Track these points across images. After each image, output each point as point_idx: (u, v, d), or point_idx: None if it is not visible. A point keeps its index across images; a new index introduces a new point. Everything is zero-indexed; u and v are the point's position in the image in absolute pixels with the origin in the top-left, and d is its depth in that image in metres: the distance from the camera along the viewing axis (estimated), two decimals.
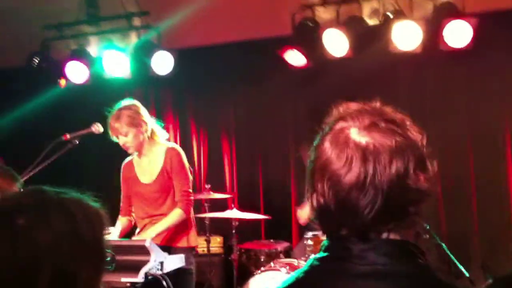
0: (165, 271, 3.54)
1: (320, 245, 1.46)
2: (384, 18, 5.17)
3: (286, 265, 4.53)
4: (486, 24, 4.88)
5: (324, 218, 1.28)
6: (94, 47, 6.09)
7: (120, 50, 5.73)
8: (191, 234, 4.11)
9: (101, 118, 4.19)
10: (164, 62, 5.65)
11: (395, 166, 1.20)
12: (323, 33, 5.23)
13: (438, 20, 4.99)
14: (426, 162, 1.26)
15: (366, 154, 1.20)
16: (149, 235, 3.75)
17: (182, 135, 6.53)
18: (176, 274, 3.68)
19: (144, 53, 5.69)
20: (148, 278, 3.45)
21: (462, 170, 5.52)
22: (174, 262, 3.72)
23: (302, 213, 4.92)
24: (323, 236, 1.30)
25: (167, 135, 4.27)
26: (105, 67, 5.79)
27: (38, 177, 3.64)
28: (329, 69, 5.62)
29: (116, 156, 4.33)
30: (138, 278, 3.41)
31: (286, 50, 5.44)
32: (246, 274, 4.83)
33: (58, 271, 1.22)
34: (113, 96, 5.91)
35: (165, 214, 3.99)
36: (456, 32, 4.90)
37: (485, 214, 5.42)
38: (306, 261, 2.73)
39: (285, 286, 1.31)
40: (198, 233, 5.64)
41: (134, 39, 5.84)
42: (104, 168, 5.63)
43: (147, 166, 4.10)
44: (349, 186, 1.20)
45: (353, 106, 1.30)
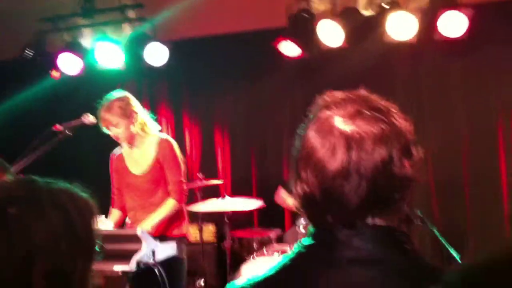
0: (157, 260, 3.55)
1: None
2: (379, 9, 5.16)
3: (279, 250, 4.55)
4: (482, 14, 4.87)
5: (309, 206, 1.28)
6: (88, 39, 6.08)
7: (114, 42, 5.72)
8: (183, 223, 4.11)
9: (94, 109, 4.18)
10: (158, 54, 5.65)
11: (379, 153, 1.19)
12: (319, 24, 5.21)
13: (433, 10, 4.97)
14: (412, 149, 1.25)
15: (350, 142, 1.20)
16: (145, 228, 3.74)
17: (175, 127, 6.52)
18: (167, 262, 3.69)
19: (138, 45, 5.68)
20: (140, 266, 3.46)
21: (456, 162, 5.52)
22: (166, 250, 3.73)
23: (283, 195, 4.93)
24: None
25: (159, 127, 4.26)
26: (98, 59, 5.77)
27: (30, 168, 3.62)
28: (324, 60, 5.61)
29: (108, 147, 4.31)
30: (130, 266, 3.41)
31: (281, 41, 5.43)
32: (239, 262, 4.85)
33: (53, 262, 1.21)
34: (106, 87, 5.88)
35: (156, 204, 3.99)
36: (451, 22, 4.89)
37: (478, 207, 5.43)
38: None
39: (272, 273, 1.31)
40: (191, 221, 5.65)
41: (128, 31, 5.82)
42: (96, 159, 5.62)
43: (139, 158, 4.09)
44: (333, 174, 1.20)
45: (338, 94, 1.29)
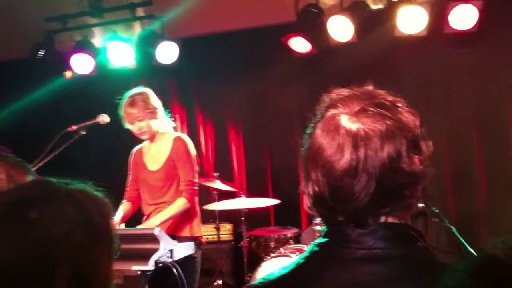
0: (174, 259, 3.57)
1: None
2: (388, 2, 5.13)
3: (296, 250, 4.55)
4: (492, 6, 4.83)
5: (320, 206, 1.29)
6: (98, 38, 6.10)
7: (124, 41, 5.73)
8: (194, 223, 4.12)
9: (106, 108, 4.21)
10: (168, 51, 5.65)
11: (387, 150, 1.20)
12: (327, 18, 5.20)
13: (443, 3, 4.95)
14: (420, 144, 1.25)
15: (356, 140, 1.20)
16: (153, 223, 3.78)
17: (188, 124, 6.53)
18: (184, 261, 3.71)
19: (148, 43, 5.69)
20: (158, 265, 3.48)
21: (469, 154, 5.49)
22: (183, 249, 3.76)
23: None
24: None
25: (174, 124, 4.30)
26: (109, 58, 5.79)
27: (43, 168, 3.66)
28: (333, 55, 5.59)
29: (120, 147, 4.34)
30: (148, 266, 3.44)
31: (291, 36, 5.42)
32: (256, 261, 4.86)
33: (76, 263, 1.21)
34: (118, 86, 5.92)
35: (168, 202, 4.02)
36: (461, 15, 4.87)
37: (493, 198, 5.40)
38: None
39: (285, 271, 1.33)
40: (208, 220, 5.69)
41: (138, 30, 5.84)
42: (108, 159, 5.66)
43: (155, 154, 4.14)
44: (341, 173, 1.21)
45: (343, 91, 1.30)
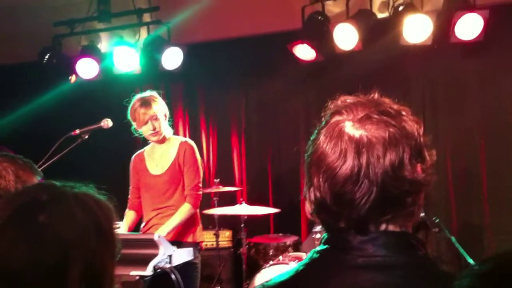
0: (173, 265, 3.57)
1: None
2: (394, 11, 5.14)
3: (295, 258, 4.54)
4: (497, 16, 4.83)
5: (321, 212, 1.29)
6: (104, 43, 6.14)
7: (130, 46, 5.76)
8: (198, 229, 4.12)
9: (111, 113, 4.23)
10: (174, 57, 5.67)
11: (389, 158, 1.20)
12: (333, 26, 5.21)
13: (448, 12, 4.95)
14: (423, 152, 1.25)
15: (359, 146, 1.21)
16: (161, 233, 3.76)
17: (191, 130, 6.54)
18: (183, 267, 3.71)
19: (154, 48, 5.71)
20: (157, 271, 3.48)
21: (473, 162, 5.48)
22: (183, 255, 3.75)
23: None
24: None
25: (172, 130, 4.30)
26: (115, 63, 5.82)
27: (44, 171, 3.67)
28: (339, 62, 5.59)
29: (123, 151, 4.34)
30: (147, 271, 3.44)
31: (296, 44, 5.43)
32: (255, 268, 4.85)
33: (87, 265, 1.21)
34: (123, 91, 5.96)
35: (172, 206, 4.02)
36: (467, 24, 4.86)
37: (496, 206, 5.38)
38: None
39: (285, 278, 1.32)
40: (207, 227, 5.69)
41: (144, 35, 5.87)
42: (112, 163, 5.66)
43: (159, 158, 4.14)
44: (343, 179, 1.21)
45: (348, 98, 1.30)
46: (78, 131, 4.00)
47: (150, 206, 4.11)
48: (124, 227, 4.01)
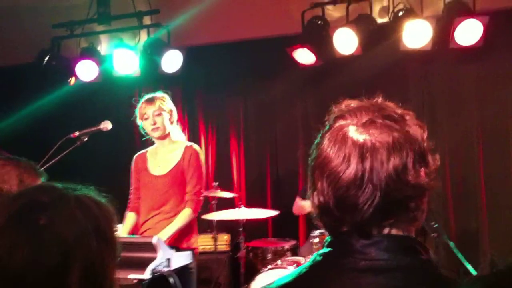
0: (172, 268, 3.55)
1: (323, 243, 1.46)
2: (394, 16, 5.16)
3: (293, 263, 4.52)
4: (497, 22, 4.85)
5: (325, 215, 1.29)
6: (104, 46, 6.14)
7: (130, 49, 5.76)
8: (194, 235, 4.09)
9: (110, 115, 4.23)
10: (173, 60, 5.67)
11: (393, 162, 1.20)
12: (333, 31, 5.22)
13: (448, 18, 4.96)
14: (427, 157, 1.26)
15: (363, 151, 1.21)
16: (161, 237, 3.74)
17: (191, 133, 6.54)
18: (181, 271, 3.69)
19: (153, 51, 5.71)
20: (155, 275, 3.47)
21: (471, 167, 5.49)
22: (181, 259, 3.74)
23: (305, 204, 4.97)
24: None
25: (185, 136, 4.30)
26: (115, 66, 5.81)
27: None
28: (339, 67, 5.61)
29: (122, 153, 4.34)
30: (145, 275, 3.42)
31: (296, 48, 5.43)
32: (253, 272, 4.83)
33: (88, 267, 1.22)
34: (122, 94, 5.99)
35: (169, 212, 3.98)
36: (466, 30, 4.87)
37: (494, 211, 5.39)
38: None
39: (288, 280, 1.33)
40: (205, 231, 5.68)
41: (144, 38, 5.87)
42: (113, 165, 5.66)
43: (163, 158, 4.12)
44: (347, 183, 1.21)
45: (352, 103, 1.30)
46: (77, 133, 3.99)
47: (148, 207, 4.07)
48: (124, 230, 3.98)
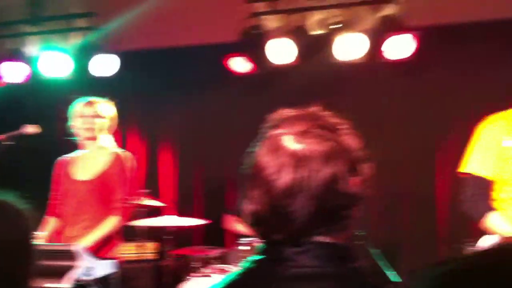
0: (94, 277, 3.44)
1: (254, 250, 1.47)
2: (329, 29, 5.26)
3: (218, 271, 4.51)
4: (428, 37, 5.02)
5: (258, 224, 1.29)
6: (35, 47, 5.95)
7: (61, 51, 5.61)
8: (118, 244, 3.96)
9: (40, 117, 4.09)
10: (108, 64, 5.57)
11: (327, 172, 1.21)
12: (270, 41, 5.27)
13: (382, 32, 5.11)
14: (360, 167, 1.28)
15: (298, 160, 1.22)
16: (85, 244, 3.61)
17: (122, 139, 6.40)
18: (102, 281, 3.58)
19: (86, 54, 5.59)
20: (77, 284, 3.35)
21: (397, 179, 5.61)
22: (104, 268, 3.63)
23: (237, 223, 4.95)
24: (257, 242, 1.32)
25: (115, 145, 4.17)
26: (43, 68, 5.65)
27: None
28: (275, 77, 5.65)
29: (51, 156, 4.19)
30: (66, 283, 3.29)
31: (233, 56, 5.45)
32: (178, 280, 4.78)
33: (2, 275, 1.17)
34: (52, 96, 5.81)
35: (92, 218, 3.83)
36: (399, 44, 5.04)
37: (415, 224, 5.58)
38: None
39: (220, 287, 1.31)
40: (133, 238, 5.57)
41: (77, 40, 5.73)
42: (39, 169, 5.46)
43: (88, 164, 3.95)
44: (281, 193, 1.22)
45: (288, 112, 1.31)
46: (3, 136, 3.84)
47: (69, 214, 3.89)
48: (43, 237, 3.82)
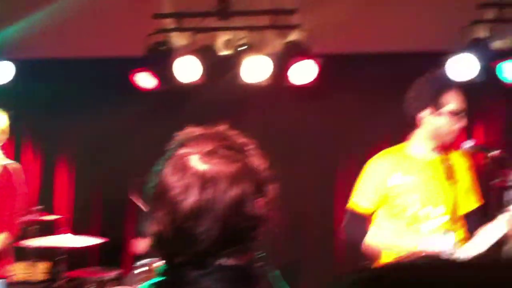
0: None
1: (154, 272, 1.43)
2: (236, 50, 5.31)
3: None
4: (330, 65, 5.20)
5: (161, 245, 1.26)
6: None
7: None
8: (7, 263, 3.75)
9: None
10: (2, 71, 5.30)
11: (233, 193, 1.21)
12: (176, 58, 5.23)
13: (286, 57, 5.23)
14: (265, 188, 1.28)
15: (204, 181, 1.20)
16: None
17: (16, 151, 6.06)
18: None
19: None
20: None
21: (297, 202, 5.71)
22: None
23: (140, 243, 4.83)
24: (157, 263, 1.29)
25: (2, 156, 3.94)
26: None
27: None
28: (181, 95, 5.61)
29: None
30: None
31: (138, 71, 5.36)
32: None
33: None
34: None
35: None
36: (302, 70, 5.18)
37: (314, 245, 5.71)
38: None
39: None
40: (24, 258, 5.26)
41: None
42: None
43: None
44: (186, 214, 1.20)
45: (195, 131, 1.30)
46: None
47: None
48: None
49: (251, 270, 1.30)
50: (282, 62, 5.22)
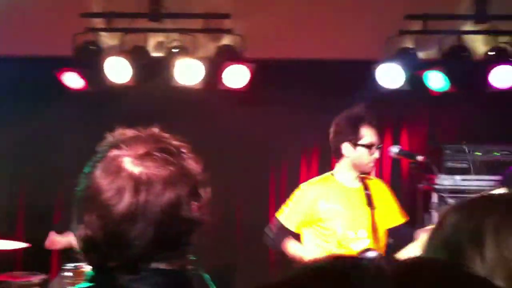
0: None
1: (81, 276, 1.39)
2: (167, 52, 5.27)
3: None
4: (263, 70, 5.24)
5: (91, 250, 1.22)
6: None
7: None
8: None
9: None
10: None
11: (168, 197, 1.19)
12: (106, 58, 5.12)
13: (219, 61, 5.23)
14: (200, 191, 1.27)
15: (138, 184, 1.18)
16: None
17: None
18: None
19: None
20: None
21: (231, 205, 5.73)
22: None
23: (60, 239, 4.69)
24: (85, 267, 1.25)
25: None
26: None
27: None
28: (113, 95, 5.47)
29: None
30: None
31: (66, 71, 5.20)
32: None
33: None
34: None
35: None
36: (235, 74, 5.19)
37: (248, 249, 5.71)
38: None
39: None
40: None
41: None
42: None
43: None
44: (119, 218, 1.16)
45: (128, 132, 1.27)
46: None
47: None
48: None
49: (184, 274, 1.28)
50: (215, 66, 5.21)
